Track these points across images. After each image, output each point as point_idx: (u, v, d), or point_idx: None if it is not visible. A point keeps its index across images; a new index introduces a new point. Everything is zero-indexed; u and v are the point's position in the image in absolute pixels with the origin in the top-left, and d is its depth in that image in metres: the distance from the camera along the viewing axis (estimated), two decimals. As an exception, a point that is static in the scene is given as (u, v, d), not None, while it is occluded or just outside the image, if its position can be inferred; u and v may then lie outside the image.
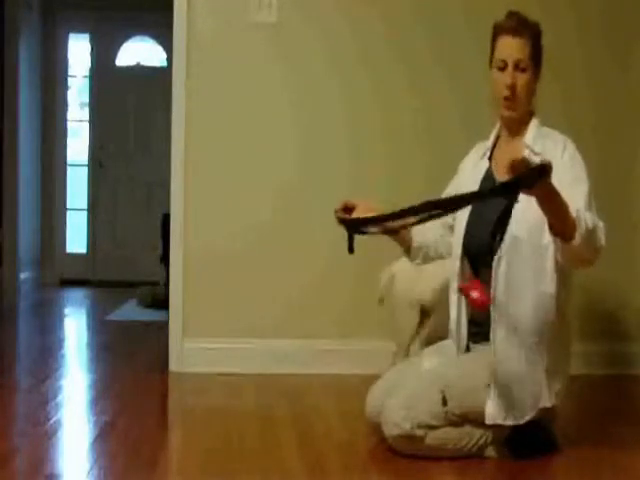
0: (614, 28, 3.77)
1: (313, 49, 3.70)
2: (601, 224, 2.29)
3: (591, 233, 2.22)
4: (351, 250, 2.45)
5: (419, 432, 2.37)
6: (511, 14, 2.51)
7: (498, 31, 2.51)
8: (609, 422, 2.92)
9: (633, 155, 3.80)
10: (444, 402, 2.38)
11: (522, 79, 2.46)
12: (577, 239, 2.19)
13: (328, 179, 3.68)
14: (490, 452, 2.44)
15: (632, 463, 2.46)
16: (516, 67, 2.45)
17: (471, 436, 2.43)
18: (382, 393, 2.52)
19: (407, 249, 2.67)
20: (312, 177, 3.70)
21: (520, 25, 2.47)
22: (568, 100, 3.70)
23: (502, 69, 2.47)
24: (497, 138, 2.63)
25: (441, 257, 2.72)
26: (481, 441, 2.43)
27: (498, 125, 2.62)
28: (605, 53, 3.77)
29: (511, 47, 2.46)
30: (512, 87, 2.45)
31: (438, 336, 2.70)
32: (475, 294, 2.33)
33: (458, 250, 2.56)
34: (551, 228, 2.23)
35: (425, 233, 2.66)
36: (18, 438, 2.65)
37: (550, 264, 2.40)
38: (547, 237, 2.33)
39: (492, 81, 2.51)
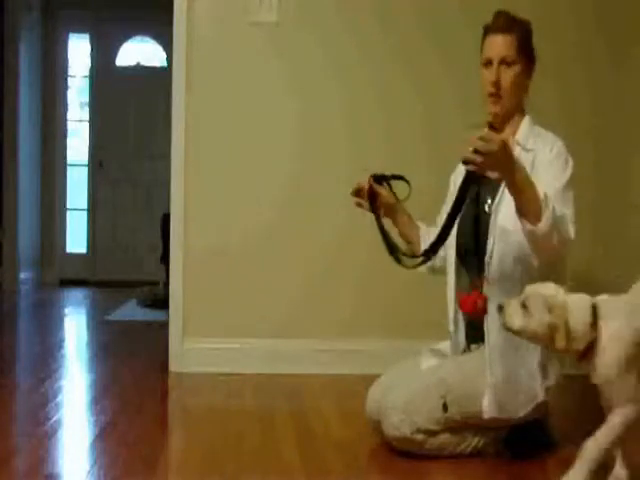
0: (612, 28, 3.77)
1: (313, 48, 3.70)
2: (569, 214, 2.31)
3: (558, 219, 2.21)
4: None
5: (418, 437, 2.38)
6: (498, 13, 2.52)
7: (486, 31, 2.53)
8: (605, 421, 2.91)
9: (630, 155, 3.80)
10: (444, 408, 2.38)
11: (507, 74, 2.47)
12: (544, 222, 2.18)
13: (329, 179, 3.68)
14: (489, 452, 2.45)
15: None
16: (502, 63, 2.47)
17: (470, 440, 2.43)
18: (381, 392, 2.52)
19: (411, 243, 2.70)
20: (312, 177, 3.70)
21: (507, 23, 2.48)
22: (566, 99, 3.70)
23: (488, 67, 2.49)
24: None
25: (445, 269, 2.72)
26: (480, 444, 2.43)
27: (487, 128, 2.63)
28: (603, 53, 3.77)
29: (497, 44, 2.48)
30: (497, 83, 2.47)
31: None
32: (467, 305, 2.32)
33: (452, 250, 2.57)
34: (518, 209, 2.22)
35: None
36: (18, 438, 2.65)
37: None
38: None
39: (481, 79, 2.52)
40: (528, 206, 2.20)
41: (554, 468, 2.41)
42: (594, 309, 2.05)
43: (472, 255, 2.51)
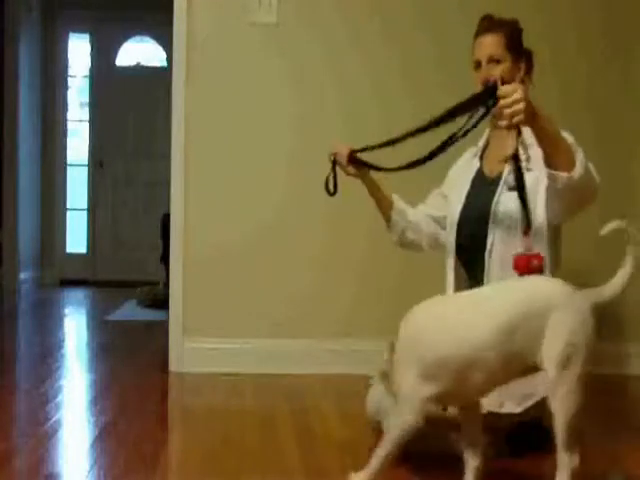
0: (614, 28, 3.78)
1: (312, 49, 3.70)
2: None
3: (587, 163, 2.20)
4: (335, 191, 2.69)
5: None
6: (483, 17, 2.56)
7: (474, 36, 2.56)
8: (605, 421, 2.92)
9: (632, 154, 3.81)
10: (444, 407, 2.38)
11: (496, 70, 2.48)
12: (579, 165, 2.16)
13: (328, 179, 3.68)
14: (489, 452, 2.44)
15: (629, 461, 2.46)
16: (490, 61, 2.49)
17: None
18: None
19: (387, 217, 2.73)
20: (312, 178, 3.68)
21: (491, 23, 2.52)
22: (567, 98, 3.71)
23: (478, 68, 2.52)
24: (487, 142, 2.64)
25: (419, 244, 2.78)
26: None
27: (488, 129, 2.64)
28: (605, 51, 3.77)
29: (483, 45, 2.51)
30: (486, 81, 2.48)
31: None
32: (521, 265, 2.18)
33: (452, 245, 2.58)
34: (550, 163, 2.19)
35: (407, 208, 2.75)
36: (18, 438, 2.65)
37: (544, 245, 2.40)
38: (540, 217, 2.35)
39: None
40: (560, 156, 2.16)
41: (554, 468, 2.41)
42: None
43: (471, 253, 2.52)
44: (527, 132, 2.50)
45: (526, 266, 2.14)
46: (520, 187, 2.21)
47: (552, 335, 1.89)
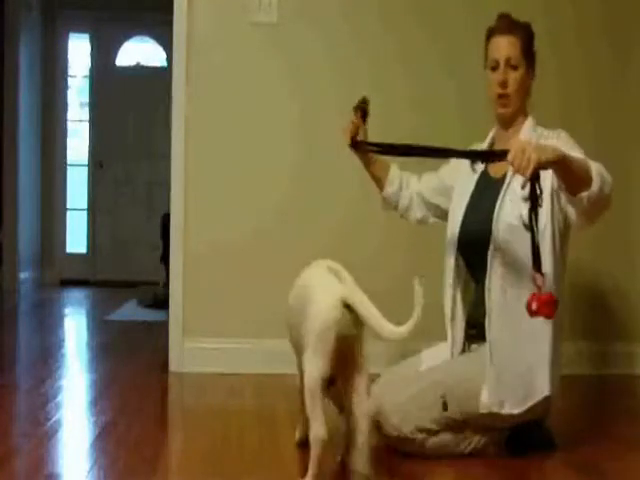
0: (614, 27, 3.78)
1: (313, 49, 3.70)
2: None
3: (601, 171, 2.23)
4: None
5: (419, 436, 2.38)
6: (501, 16, 2.55)
7: (490, 33, 2.56)
8: (606, 421, 2.92)
9: (632, 155, 3.81)
10: (444, 407, 2.38)
11: (514, 75, 2.49)
12: (595, 180, 2.19)
13: (329, 180, 3.68)
14: (490, 452, 2.45)
15: (630, 462, 2.46)
16: (507, 64, 2.49)
17: (470, 440, 2.43)
18: (381, 393, 2.51)
19: (381, 185, 2.84)
20: (313, 178, 3.70)
21: (511, 25, 2.52)
22: (567, 99, 3.71)
23: (495, 68, 2.51)
24: (493, 141, 2.64)
25: (406, 212, 2.84)
26: (480, 444, 2.43)
27: (494, 128, 2.63)
28: (605, 52, 3.78)
29: (502, 46, 2.50)
30: (504, 84, 2.49)
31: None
32: (534, 305, 2.12)
33: (453, 245, 2.58)
34: (571, 190, 2.22)
35: (399, 193, 2.82)
36: (18, 438, 2.64)
37: (548, 247, 2.40)
38: (544, 220, 2.36)
39: (487, 82, 2.54)
40: (579, 182, 2.19)
41: (554, 468, 2.42)
42: None
43: (474, 255, 2.52)
44: (526, 135, 2.51)
45: (528, 308, 2.13)
46: (532, 228, 2.17)
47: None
